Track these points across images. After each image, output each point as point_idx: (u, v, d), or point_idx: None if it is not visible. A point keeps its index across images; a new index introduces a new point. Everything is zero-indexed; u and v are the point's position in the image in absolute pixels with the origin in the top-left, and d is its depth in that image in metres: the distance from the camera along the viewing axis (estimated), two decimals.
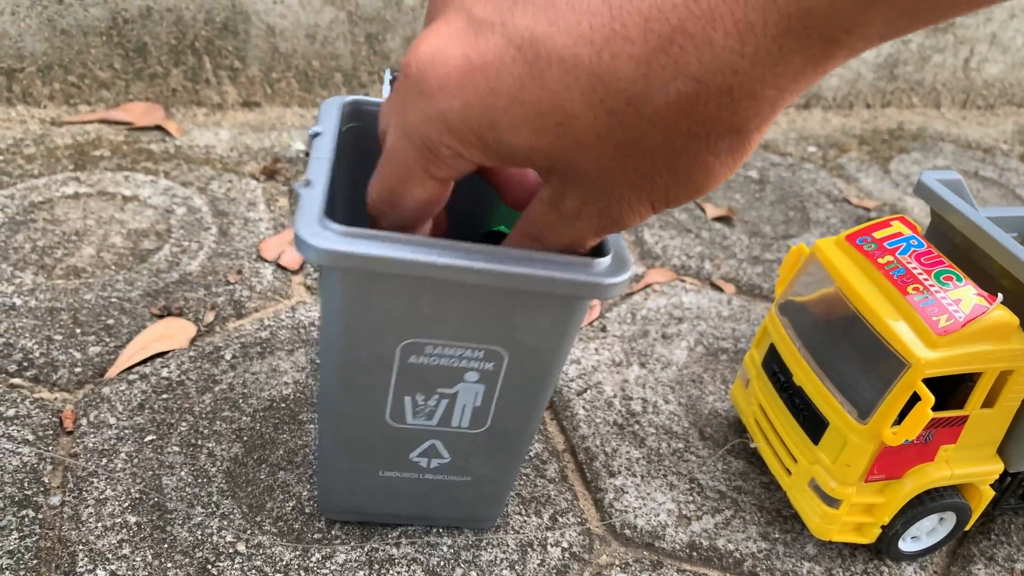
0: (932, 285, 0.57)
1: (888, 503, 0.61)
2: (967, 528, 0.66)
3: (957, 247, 0.65)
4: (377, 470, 0.56)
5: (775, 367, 0.66)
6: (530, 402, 0.53)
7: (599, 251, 0.46)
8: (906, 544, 0.65)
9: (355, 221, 0.45)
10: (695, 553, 0.64)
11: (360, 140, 0.55)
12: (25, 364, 0.70)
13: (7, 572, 0.54)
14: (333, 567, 0.58)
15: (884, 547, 0.64)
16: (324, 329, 0.48)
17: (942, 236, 0.66)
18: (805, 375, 0.62)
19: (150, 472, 0.62)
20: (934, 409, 0.56)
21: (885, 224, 0.63)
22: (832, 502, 0.61)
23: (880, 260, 0.60)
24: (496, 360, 0.49)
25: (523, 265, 0.43)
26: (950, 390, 0.59)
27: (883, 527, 0.63)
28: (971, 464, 0.62)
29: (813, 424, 0.62)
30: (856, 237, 0.63)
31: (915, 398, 0.55)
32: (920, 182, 0.66)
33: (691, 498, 0.68)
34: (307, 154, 0.52)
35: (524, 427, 0.54)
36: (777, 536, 0.66)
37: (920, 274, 0.58)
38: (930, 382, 0.55)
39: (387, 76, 0.58)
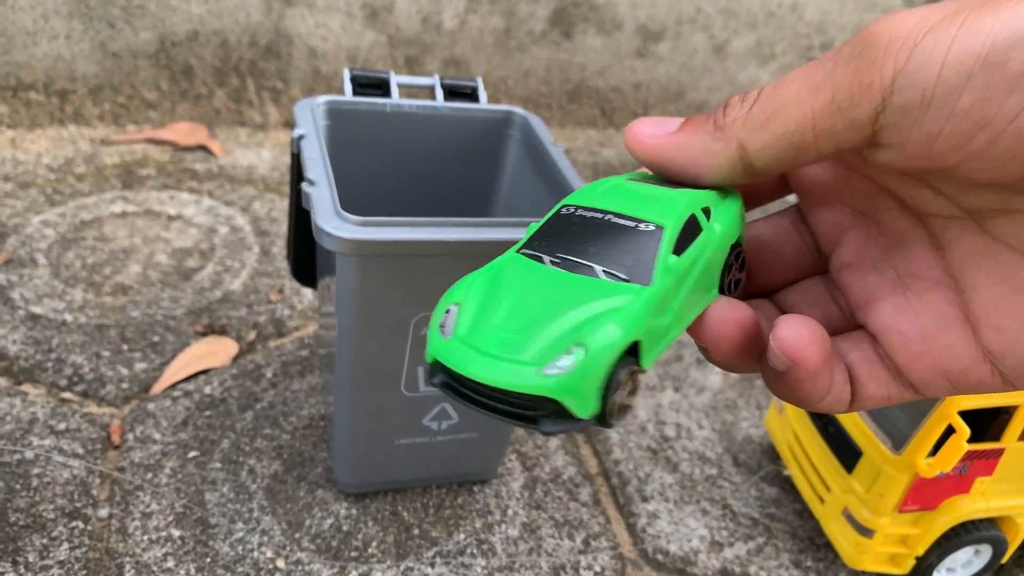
0: None
1: (923, 534, 0.61)
2: (1003, 561, 0.65)
3: None
4: (393, 439, 0.61)
5: None
6: None
7: None
8: None
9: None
10: None
11: (333, 137, 0.61)
12: (75, 379, 0.72)
13: None
14: None
15: None
16: (341, 313, 0.52)
17: None
18: None
19: (193, 487, 0.64)
20: (970, 441, 0.56)
21: None
22: (865, 532, 0.61)
23: None
24: None
25: (518, 230, 0.48)
26: (986, 422, 0.59)
27: (918, 558, 0.63)
28: (1008, 497, 0.61)
29: (847, 453, 0.62)
30: None
31: (950, 429, 0.55)
32: None
33: (724, 524, 0.69)
34: (297, 156, 0.55)
35: None
36: (810, 564, 0.66)
37: None
38: (966, 414, 0.55)
39: (346, 74, 0.62)
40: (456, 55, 1.20)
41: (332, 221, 0.46)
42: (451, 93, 0.64)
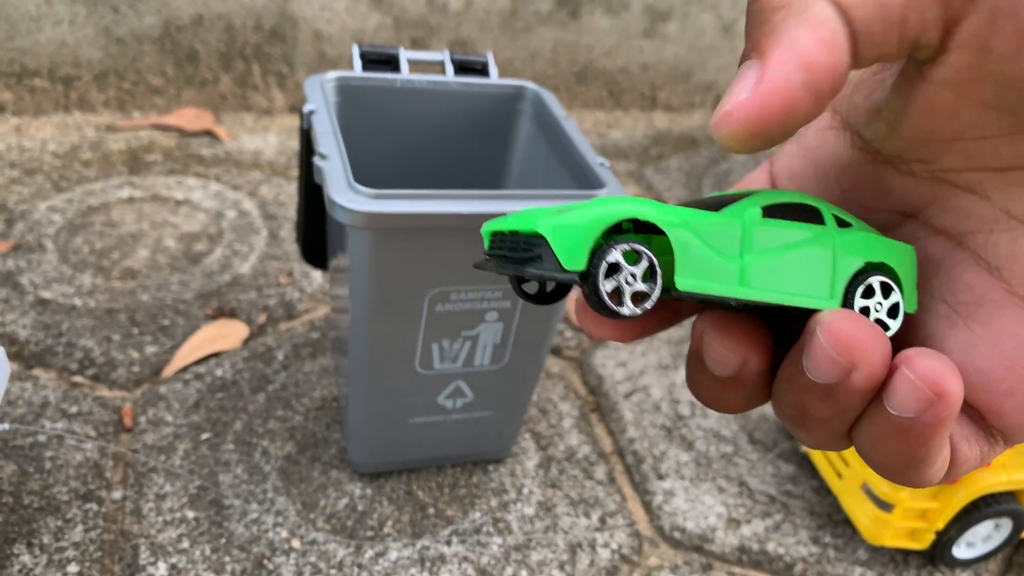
0: None
1: (943, 508, 0.60)
2: (1023, 535, 0.65)
3: None
4: (407, 418, 0.61)
5: None
6: (542, 333, 0.58)
7: (596, 184, 0.51)
8: (960, 551, 0.64)
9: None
10: (745, 556, 0.64)
11: (343, 114, 0.61)
12: (86, 363, 0.72)
13: (73, 563, 0.56)
14: (386, 564, 0.59)
15: (938, 553, 0.64)
16: (354, 291, 0.51)
17: None
18: None
19: (207, 469, 0.64)
20: None
21: None
22: (885, 506, 0.60)
23: None
24: (513, 297, 0.54)
25: (534, 202, 0.48)
26: None
27: (937, 533, 0.62)
28: None
29: None
30: None
31: None
32: None
33: (740, 501, 0.68)
34: (307, 131, 0.55)
35: (537, 358, 0.60)
36: (828, 540, 0.66)
37: None
38: None
39: (355, 50, 0.61)
40: (462, 36, 1.19)
41: (346, 194, 0.45)
42: (461, 68, 0.63)
